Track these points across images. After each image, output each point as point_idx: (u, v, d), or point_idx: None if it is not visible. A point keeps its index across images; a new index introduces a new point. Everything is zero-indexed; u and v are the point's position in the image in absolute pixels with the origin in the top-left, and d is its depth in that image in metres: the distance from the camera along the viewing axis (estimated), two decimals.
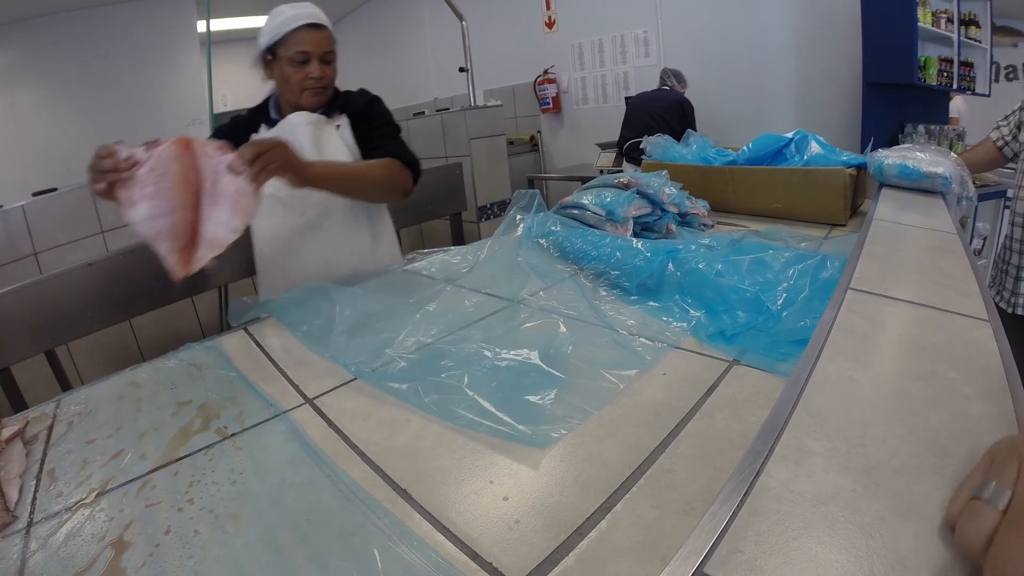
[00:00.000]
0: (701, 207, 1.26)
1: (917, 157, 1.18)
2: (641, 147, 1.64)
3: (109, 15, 4.68)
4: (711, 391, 0.61)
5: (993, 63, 3.43)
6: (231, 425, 0.66)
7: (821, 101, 3.30)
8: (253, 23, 5.83)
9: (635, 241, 1.00)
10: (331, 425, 0.64)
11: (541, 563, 0.41)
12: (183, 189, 0.77)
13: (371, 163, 1.16)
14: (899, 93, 3.00)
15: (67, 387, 1.35)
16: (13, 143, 4.43)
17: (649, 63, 3.90)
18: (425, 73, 5.69)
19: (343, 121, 1.23)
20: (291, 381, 0.76)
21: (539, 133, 4.80)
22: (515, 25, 4.74)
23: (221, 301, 2.13)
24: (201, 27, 4.93)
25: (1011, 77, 4.69)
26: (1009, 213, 1.51)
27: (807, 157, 1.30)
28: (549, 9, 4.47)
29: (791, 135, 1.36)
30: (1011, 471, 0.29)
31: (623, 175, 1.26)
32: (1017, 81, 4.66)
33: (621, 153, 3.41)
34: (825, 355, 0.49)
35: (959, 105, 3.91)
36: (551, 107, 4.59)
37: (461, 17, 2.76)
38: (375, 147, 1.20)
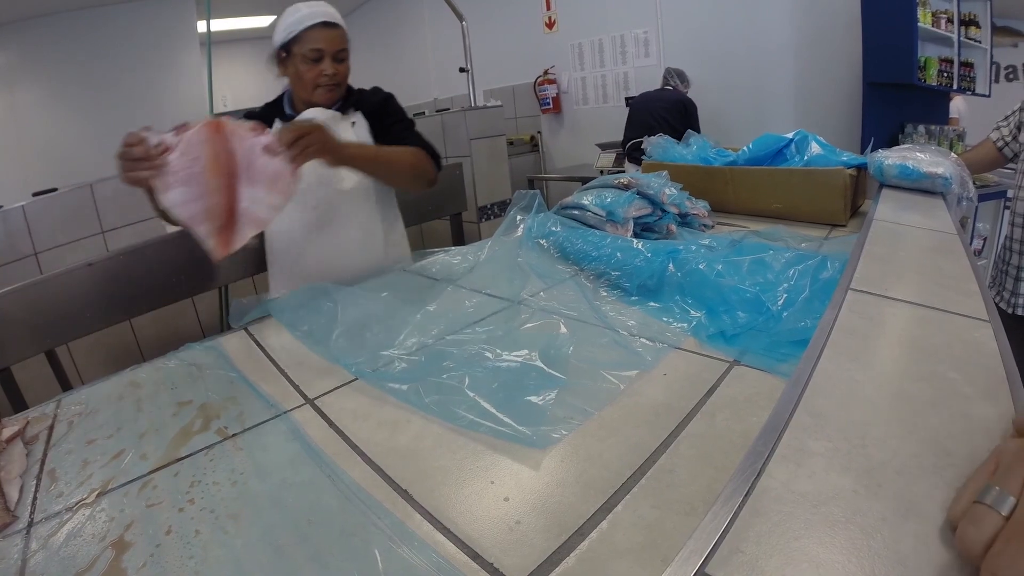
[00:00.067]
0: (701, 207, 1.26)
1: (917, 157, 1.18)
2: (642, 147, 1.64)
3: (109, 15, 4.68)
4: (712, 391, 0.61)
5: (993, 63, 3.43)
6: (232, 425, 0.66)
7: (821, 101, 3.31)
8: (253, 23, 5.84)
9: (635, 242, 1.00)
10: (332, 425, 0.64)
11: (542, 563, 0.41)
12: (215, 172, 0.77)
13: (401, 149, 1.19)
14: (899, 93, 3.00)
15: (67, 387, 1.35)
16: (13, 143, 4.43)
17: (649, 63, 3.90)
18: (425, 73, 5.69)
19: (358, 118, 1.24)
20: (292, 381, 0.76)
21: (539, 133, 4.81)
22: (515, 25, 4.74)
23: (221, 301, 2.13)
24: (201, 27, 4.93)
25: (1011, 77, 4.69)
26: (1009, 213, 1.51)
27: (807, 157, 1.29)
28: (549, 9, 4.47)
29: (791, 135, 1.35)
30: (1017, 478, 0.29)
31: (623, 175, 1.26)
32: (1017, 81, 4.66)
33: (624, 153, 3.41)
34: (826, 356, 0.49)
35: (959, 105, 3.91)
36: (551, 107, 4.60)
37: (461, 17, 2.76)
38: (395, 141, 1.22)
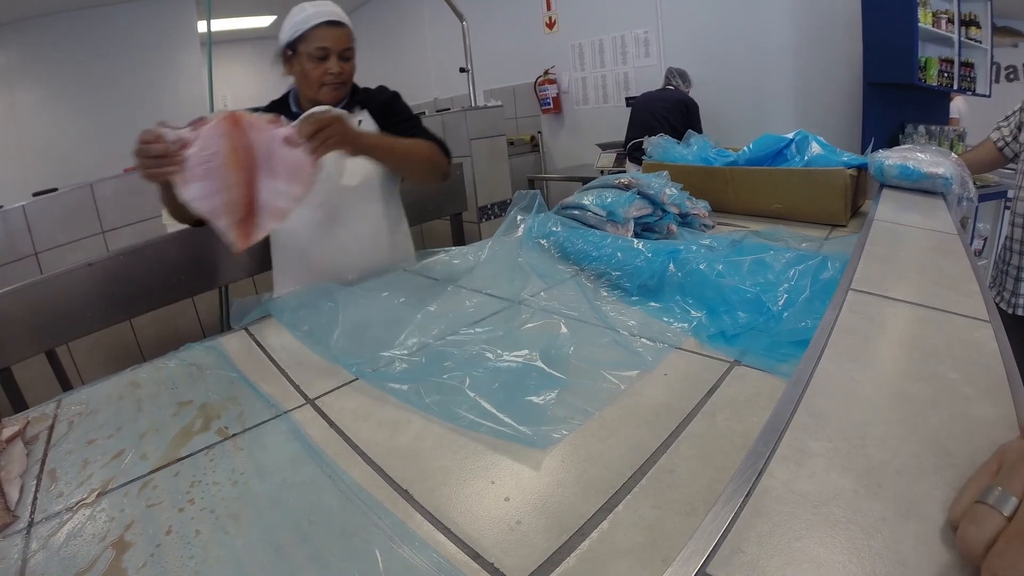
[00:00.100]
0: (702, 208, 1.26)
1: (918, 158, 1.18)
2: (643, 147, 1.64)
3: (109, 15, 4.69)
4: (712, 392, 0.61)
5: (993, 63, 3.43)
6: (232, 425, 0.66)
7: (821, 101, 3.31)
8: (253, 23, 5.84)
9: (636, 242, 1.00)
10: (332, 425, 0.64)
11: (543, 563, 0.41)
12: (234, 167, 0.78)
13: (415, 141, 1.20)
14: (899, 93, 3.01)
15: (67, 387, 1.35)
16: (13, 143, 4.43)
17: (650, 63, 3.90)
18: (425, 73, 5.69)
19: (364, 116, 1.25)
20: (292, 381, 0.76)
21: (539, 133, 4.81)
22: (515, 25, 4.74)
23: (221, 301, 2.13)
24: (201, 27, 4.93)
25: (1011, 77, 4.70)
26: (1009, 214, 1.51)
27: (808, 158, 1.29)
28: (549, 9, 4.47)
29: (792, 135, 1.35)
30: (1020, 479, 0.28)
31: (624, 176, 1.26)
32: (1018, 81, 4.66)
33: (625, 153, 3.41)
34: (826, 356, 0.49)
35: (959, 105, 3.91)
36: (551, 107, 4.60)
37: (462, 17, 2.76)
38: (405, 137, 1.22)
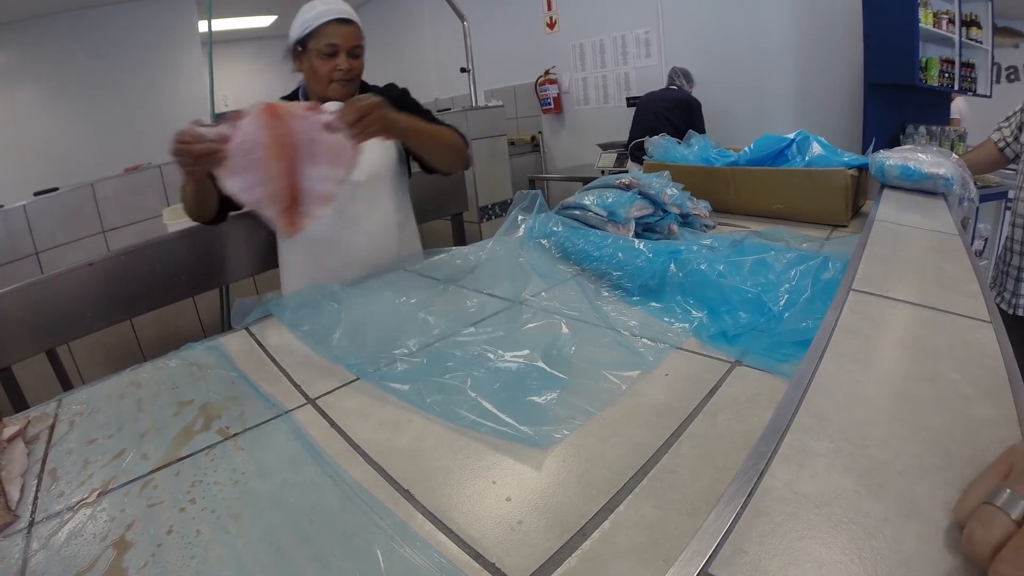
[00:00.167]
0: (703, 208, 1.26)
1: (919, 158, 1.18)
2: (644, 147, 1.64)
3: (109, 15, 4.69)
4: (713, 392, 0.61)
5: (994, 64, 3.43)
6: (233, 425, 0.66)
7: (822, 101, 3.31)
8: (254, 23, 5.84)
9: (637, 242, 1.00)
10: (333, 425, 0.64)
11: (544, 563, 0.41)
12: (276, 158, 0.78)
13: (442, 127, 1.21)
14: (900, 94, 3.00)
15: (68, 387, 1.35)
16: (14, 143, 4.43)
17: (650, 63, 3.90)
18: (425, 73, 5.69)
19: None
20: (293, 381, 0.76)
21: (540, 133, 4.81)
22: (516, 25, 4.74)
23: (222, 301, 2.13)
24: (202, 27, 4.93)
25: (1012, 78, 4.70)
26: (1010, 214, 1.51)
27: (809, 158, 1.29)
28: (550, 9, 4.47)
29: (793, 136, 1.35)
30: None
31: (625, 176, 1.26)
32: (1018, 82, 4.66)
33: (627, 153, 3.41)
34: (827, 356, 0.49)
35: (960, 106, 3.91)
36: (552, 107, 4.60)
37: (462, 17, 2.76)
38: None
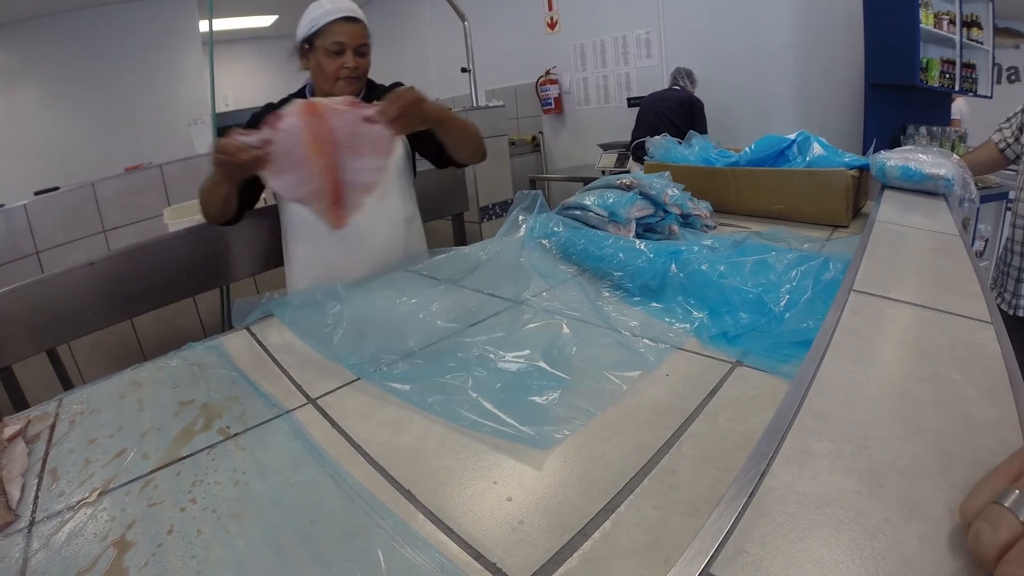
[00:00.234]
0: (703, 208, 1.26)
1: (919, 159, 1.18)
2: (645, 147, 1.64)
3: (109, 15, 4.69)
4: (714, 392, 0.61)
5: (995, 65, 3.43)
6: (233, 425, 0.66)
7: (823, 102, 3.31)
8: (254, 23, 5.84)
9: (638, 242, 1.00)
10: (334, 425, 0.64)
11: (545, 564, 0.41)
12: (319, 155, 0.80)
13: (466, 119, 1.23)
14: (901, 94, 3.01)
15: (69, 386, 1.35)
16: (14, 143, 4.44)
17: (651, 63, 3.91)
18: (426, 73, 5.69)
19: None
20: (294, 381, 0.76)
21: (541, 134, 4.81)
22: (517, 25, 4.74)
23: (223, 300, 2.13)
24: (203, 27, 4.93)
25: (1013, 79, 4.70)
26: (1010, 215, 1.51)
27: (809, 158, 1.29)
28: (551, 9, 4.47)
29: (793, 136, 1.35)
30: None
31: (625, 176, 1.26)
32: (1019, 83, 4.66)
33: (628, 153, 3.41)
34: (828, 357, 0.49)
35: (961, 107, 3.91)
36: (553, 107, 4.60)
37: (463, 17, 2.76)
38: None
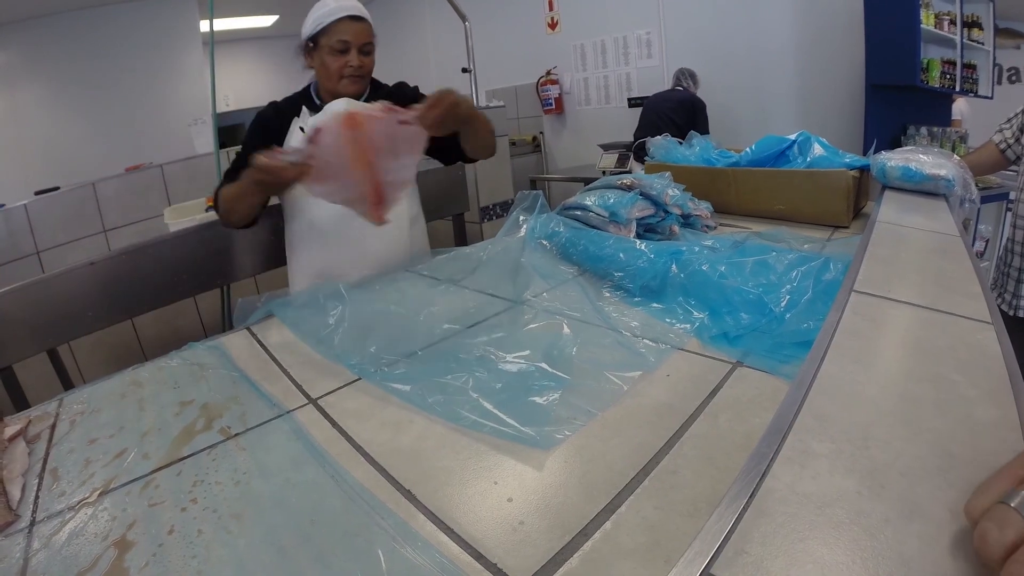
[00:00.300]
0: (704, 209, 1.26)
1: (920, 159, 1.18)
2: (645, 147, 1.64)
3: (110, 15, 4.70)
4: (715, 393, 0.61)
5: (996, 65, 3.43)
6: (234, 425, 0.66)
7: (823, 102, 3.31)
8: (255, 23, 5.85)
9: (638, 243, 1.00)
10: (335, 425, 0.64)
11: (546, 564, 0.41)
12: (361, 164, 0.83)
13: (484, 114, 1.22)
14: (901, 95, 3.00)
15: (69, 386, 1.35)
16: (15, 143, 4.44)
17: (652, 64, 3.91)
18: (427, 74, 5.69)
19: None
20: (294, 381, 0.76)
21: (541, 134, 4.81)
22: (518, 26, 4.74)
23: (223, 300, 2.13)
24: (203, 27, 4.93)
25: (1014, 79, 4.70)
26: (1011, 216, 1.51)
27: (810, 159, 1.29)
28: (552, 10, 4.47)
29: (794, 137, 1.35)
30: None
31: (626, 176, 1.26)
32: (1020, 83, 4.66)
33: (629, 153, 3.41)
34: (829, 357, 0.49)
35: (962, 107, 3.91)
36: (553, 108, 4.60)
37: (464, 18, 2.76)
38: None
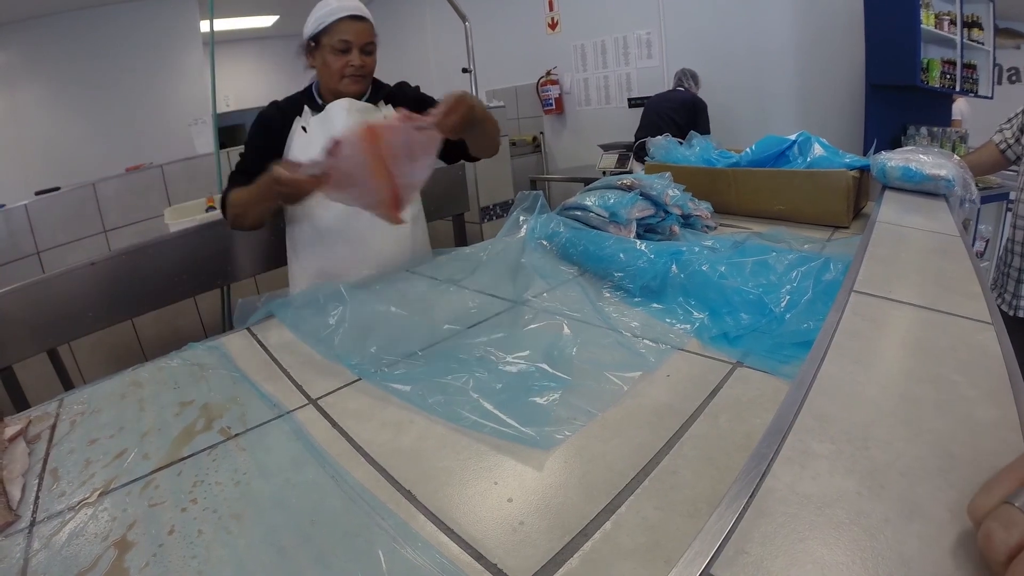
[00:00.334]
0: (704, 209, 1.26)
1: (920, 159, 1.18)
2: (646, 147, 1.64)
3: (110, 15, 4.70)
4: (715, 393, 0.61)
5: (996, 65, 3.43)
6: (234, 425, 0.66)
7: (823, 102, 3.31)
8: (256, 23, 5.85)
9: (638, 243, 1.00)
10: (335, 426, 0.64)
11: (546, 564, 0.41)
12: (380, 173, 0.85)
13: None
14: (902, 95, 3.00)
15: (69, 386, 1.35)
16: (15, 143, 4.44)
17: (652, 64, 3.91)
18: (427, 74, 5.69)
19: (389, 112, 1.27)
20: (294, 381, 0.76)
21: (541, 134, 4.81)
22: (518, 26, 4.74)
23: (223, 301, 2.13)
24: (203, 27, 4.94)
25: (1014, 79, 4.69)
26: (1011, 216, 1.51)
27: (810, 159, 1.29)
28: (552, 10, 4.47)
29: (794, 137, 1.35)
30: None
31: (626, 176, 1.26)
32: (1020, 83, 4.66)
33: (630, 153, 3.41)
34: (829, 358, 0.49)
35: (962, 107, 3.91)
36: (554, 108, 4.60)
37: (464, 18, 2.76)
38: None
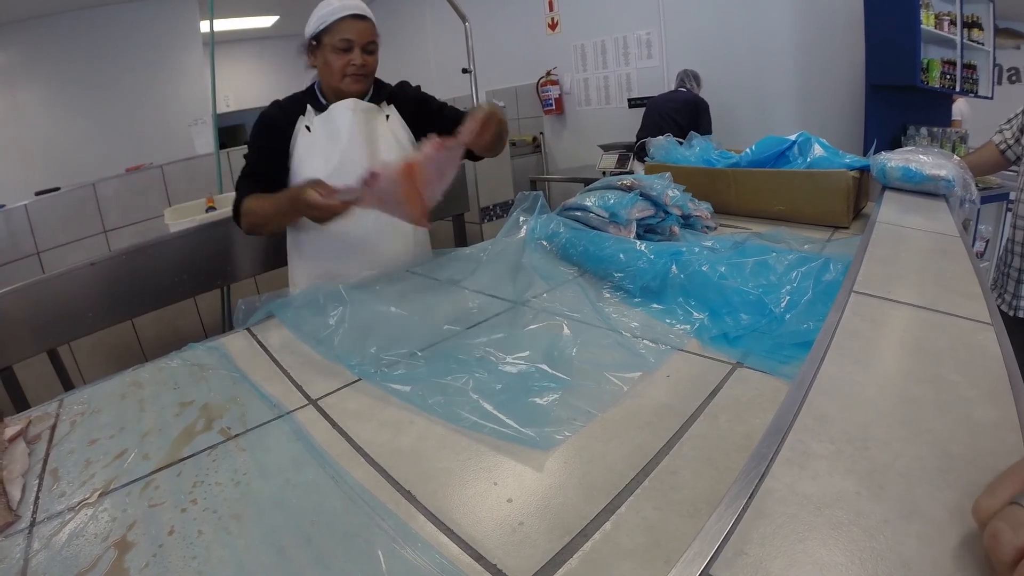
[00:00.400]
0: (704, 209, 1.26)
1: (920, 160, 1.18)
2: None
3: (110, 15, 4.70)
4: (715, 393, 0.61)
5: (996, 65, 3.43)
6: (234, 426, 0.66)
7: (823, 103, 3.31)
8: (256, 23, 5.85)
9: (638, 243, 1.00)
10: (335, 426, 0.64)
11: (545, 565, 0.41)
12: (414, 201, 0.91)
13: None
14: (902, 95, 3.00)
15: (69, 387, 1.35)
16: (15, 143, 4.44)
17: (652, 64, 3.91)
18: (427, 74, 5.69)
19: (391, 111, 1.27)
20: (294, 382, 0.76)
21: (541, 134, 4.81)
22: (518, 26, 4.74)
23: (223, 301, 2.13)
24: (203, 27, 4.93)
25: (1014, 79, 4.69)
26: (1011, 216, 1.51)
27: (810, 159, 1.29)
28: (552, 10, 4.47)
29: (794, 137, 1.35)
30: None
31: (626, 177, 1.26)
32: (1020, 83, 4.66)
33: (630, 153, 3.41)
34: (829, 358, 0.49)
35: (962, 107, 3.91)
36: (554, 108, 4.60)
37: (464, 18, 2.76)
38: (454, 118, 1.25)
